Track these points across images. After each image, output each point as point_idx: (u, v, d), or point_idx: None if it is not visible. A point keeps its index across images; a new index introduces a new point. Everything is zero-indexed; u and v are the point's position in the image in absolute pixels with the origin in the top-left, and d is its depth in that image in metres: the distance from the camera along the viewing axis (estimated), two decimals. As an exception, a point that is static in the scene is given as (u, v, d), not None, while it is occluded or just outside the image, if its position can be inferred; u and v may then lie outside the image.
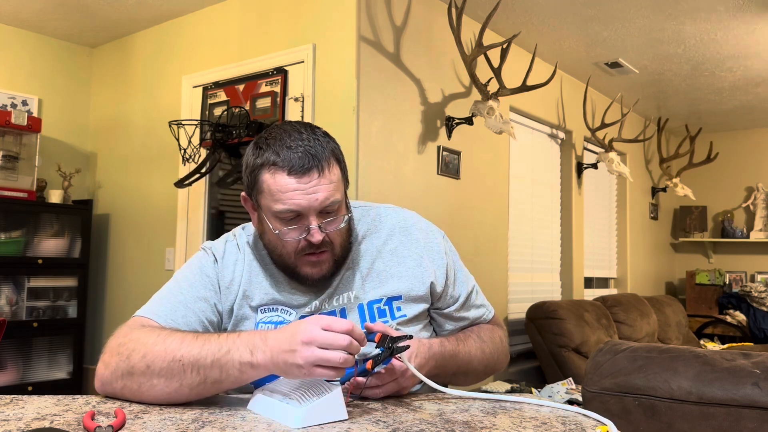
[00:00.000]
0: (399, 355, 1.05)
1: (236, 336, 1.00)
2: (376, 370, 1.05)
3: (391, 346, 1.00)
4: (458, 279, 1.30)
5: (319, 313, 1.19)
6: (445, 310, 1.29)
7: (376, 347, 1.02)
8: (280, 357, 0.95)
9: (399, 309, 1.21)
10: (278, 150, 1.10)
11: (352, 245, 1.22)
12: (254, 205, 1.17)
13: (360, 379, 1.04)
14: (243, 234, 1.26)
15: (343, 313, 1.20)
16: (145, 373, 0.99)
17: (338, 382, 0.96)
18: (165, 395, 0.99)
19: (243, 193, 1.19)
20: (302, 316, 1.18)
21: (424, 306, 1.25)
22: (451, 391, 1.09)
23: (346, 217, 1.16)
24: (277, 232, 1.12)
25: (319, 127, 1.16)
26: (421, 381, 1.09)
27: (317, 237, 1.11)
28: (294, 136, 1.11)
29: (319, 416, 0.92)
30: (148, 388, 0.99)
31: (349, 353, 0.93)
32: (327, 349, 0.92)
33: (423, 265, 1.23)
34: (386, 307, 1.21)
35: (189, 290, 1.17)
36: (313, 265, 1.15)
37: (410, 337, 1.04)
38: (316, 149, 1.10)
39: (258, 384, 1.05)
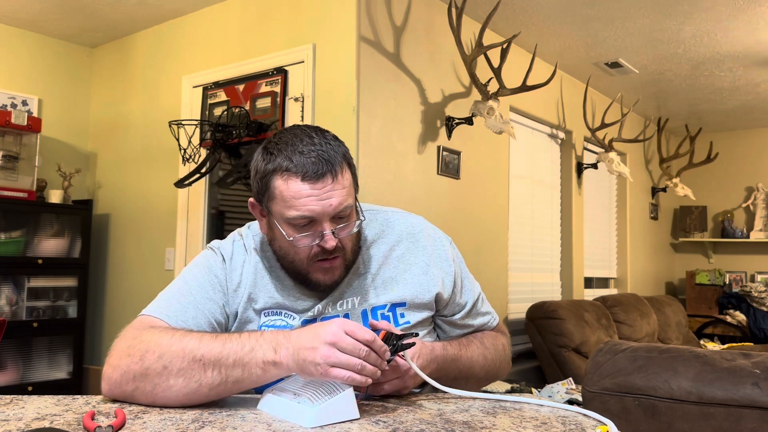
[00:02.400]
0: (402, 354, 1.05)
1: (259, 335, 0.99)
2: None
3: (395, 343, 1.00)
4: (465, 286, 1.29)
5: (322, 318, 1.18)
6: (451, 318, 1.28)
7: None
8: (301, 353, 0.94)
9: (402, 315, 1.21)
10: (291, 155, 1.08)
11: (360, 249, 1.22)
12: (264, 211, 1.15)
13: None
14: (249, 234, 1.25)
15: (346, 318, 1.19)
16: (161, 374, 0.97)
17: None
18: (182, 396, 0.97)
19: (251, 199, 1.17)
20: (305, 320, 1.18)
21: (428, 313, 1.24)
22: (452, 390, 1.09)
23: (358, 222, 1.15)
24: (290, 239, 1.11)
25: (328, 131, 1.15)
26: (423, 382, 1.09)
27: (331, 243, 1.10)
28: (305, 140, 1.10)
29: (332, 415, 0.91)
30: (164, 389, 0.97)
31: (367, 362, 0.94)
32: (347, 353, 0.93)
33: (430, 273, 1.23)
34: (390, 314, 1.20)
35: (198, 290, 1.16)
36: (325, 271, 1.14)
37: (416, 335, 1.04)
38: (329, 154, 1.09)
39: (261, 388, 1.04)
